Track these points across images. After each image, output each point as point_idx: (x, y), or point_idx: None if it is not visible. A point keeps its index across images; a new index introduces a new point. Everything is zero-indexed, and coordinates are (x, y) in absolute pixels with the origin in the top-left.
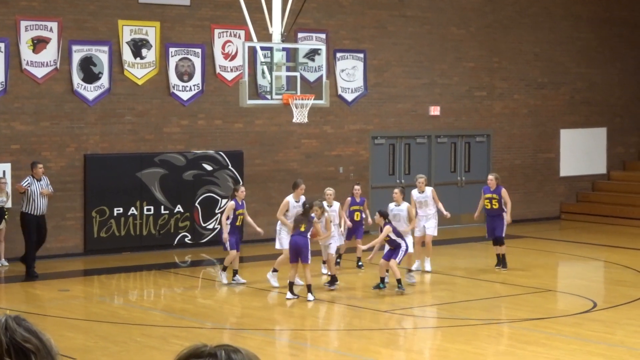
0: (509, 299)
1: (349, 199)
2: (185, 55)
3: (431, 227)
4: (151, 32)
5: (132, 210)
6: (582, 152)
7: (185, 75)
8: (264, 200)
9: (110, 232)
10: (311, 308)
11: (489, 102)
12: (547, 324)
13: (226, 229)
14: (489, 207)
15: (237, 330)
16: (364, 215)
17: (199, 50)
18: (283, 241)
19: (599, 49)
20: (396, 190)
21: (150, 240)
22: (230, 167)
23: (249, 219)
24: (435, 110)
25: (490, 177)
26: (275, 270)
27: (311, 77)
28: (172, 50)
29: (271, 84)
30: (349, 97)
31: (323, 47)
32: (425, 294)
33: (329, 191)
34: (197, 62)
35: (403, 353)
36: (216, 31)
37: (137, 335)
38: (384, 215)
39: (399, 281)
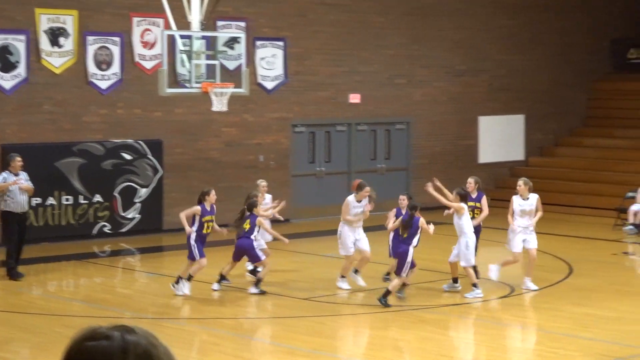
0: (429, 285)
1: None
2: (104, 44)
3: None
4: (69, 20)
5: (51, 200)
6: (500, 138)
7: (103, 64)
8: (184, 189)
9: (28, 223)
10: (233, 297)
11: (409, 90)
12: (466, 310)
13: (192, 234)
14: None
15: (157, 320)
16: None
17: (117, 39)
18: (346, 245)
19: (518, 35)
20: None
21: (69, 230)
22: (149, 156)
23: (217, 227)
24: (355, 98)
25: (470, 180)
26: (343, 277)
27: (231, 65)
28: (90, 38)
29: (190, 72)
30: (269, 85)
31: (242, 36)
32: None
33: (263, 183)
34: (116, 50)
35: (323, 340)
36: (135, 19)
37: (57, 326)
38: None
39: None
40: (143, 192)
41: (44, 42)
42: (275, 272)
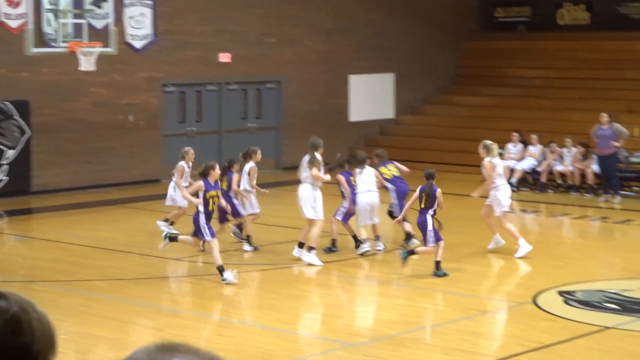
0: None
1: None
2: None
3: None
4: None
5: None
6: (371, 97)
7: None
8: (53, 150)
9: None
10: (105, 259)
11: (279, 49)
12: (336, 267)
13: (200, 215)
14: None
15: (27, 283)
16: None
17: None
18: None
19: None
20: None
21: None
22: (16, 117)
23: (222, 202)
24: (225, 58)
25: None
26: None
27: (98, 24)
28: None
29: (57, 31)
30: (138, 44)
31: None
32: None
33: (192, 150)
34: None
35: (195, 300)
36: None
37: None
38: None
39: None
40: (10, 154)
41: None
42: (144, 233)
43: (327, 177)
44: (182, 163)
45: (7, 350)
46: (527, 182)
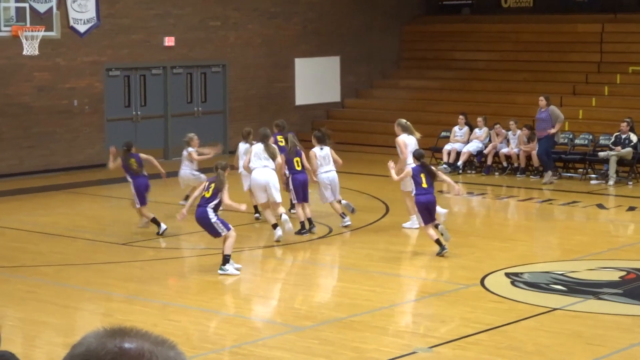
0: (245, 228)
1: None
2: None
3: None
4: None
5: None
6: (316, 81)
7: None
8: None
9: None
10: (49, 244)
11: (223, 32)
12: (283, 250)
13: (209, 212)
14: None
15: None
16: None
17: None
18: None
19: None
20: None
21: None
22: None
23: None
24: (169, 41)
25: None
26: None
27: (41, 8)
28: None
29: None
30: (81, 28)
31: None
32: (155, 226)
33: (196, 136)
34: None
35: (141, 285)
36: None
37: None
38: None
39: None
40: None
41: None
42: (89, 218)
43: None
44: (190, 149)
45: None
46: (473, 165)
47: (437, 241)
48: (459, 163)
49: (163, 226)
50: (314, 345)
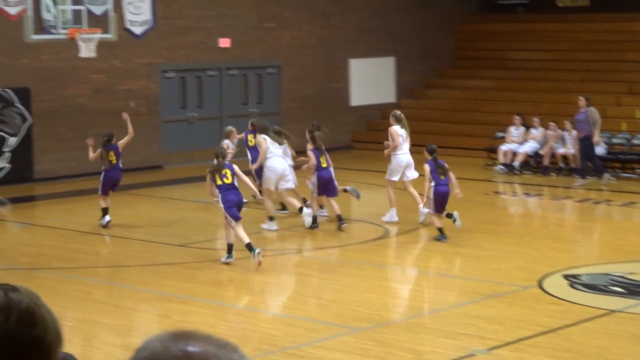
0: (303, 229)
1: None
2: None
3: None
4: None
5: None
6: (371, 81)
7: None
8: (53, 137)
9: None
10: (106, 245)
11: (278, 33)
12: (340, 252)
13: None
14: None
15: (30, 270)
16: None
17: None
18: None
19: None
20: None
21: None
22: (17, 104)
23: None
24: (225, 42)
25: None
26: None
27: (97, 10)
28: None
29: (56, 18)
30: (137, 30)
31: None
32: (219, 227)
33: (235, 129)
34: None
35: (198, 286)
36: None
37: None
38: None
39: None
40: (12, 141)
41: None
42: (145, 219)
43: None
44: (226, 141)
45: (22, 342)
46: (530, 166)
47: (440, 229)
48: (515, 163)
49: (107, 218)
50: (371, 347)
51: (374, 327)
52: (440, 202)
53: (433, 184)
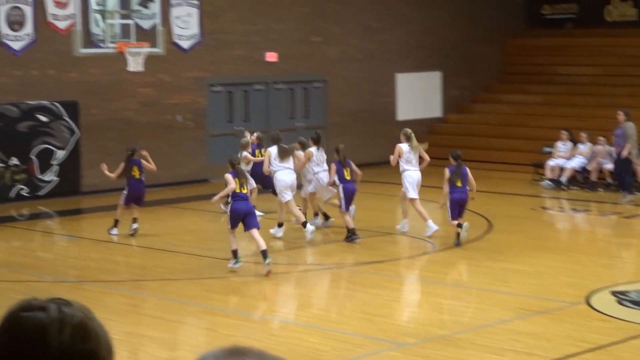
0: (350, 243)
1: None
2: (16, 4)
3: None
4: None
5: None
6: (417, 95)
7: (16, 24)
8: (100, 150)
9: None
10: (153, 258)
11: (325, 48)
12: (386, 267)
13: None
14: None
15: (78, 283)
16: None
17: None
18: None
19: None
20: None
21: None
22: (65, 117)
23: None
24: (271, 57)
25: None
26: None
27: (145, 24)
28: None
29: (105, 32)
30: (185, 44)
31: None
32: (266, 240)
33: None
34: (28, 10)
35: (244, 299)
36: None
37: None
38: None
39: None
40: (60, 154)
41: None
42: (193, 232)
43: None
44: (245, 153)
45: (76, 356)
46: (577, 181)
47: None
48: (563, 179)
49: (115, 231)
50: None
51: (420, 342)
52: (454, 208)
53: (448, 191)
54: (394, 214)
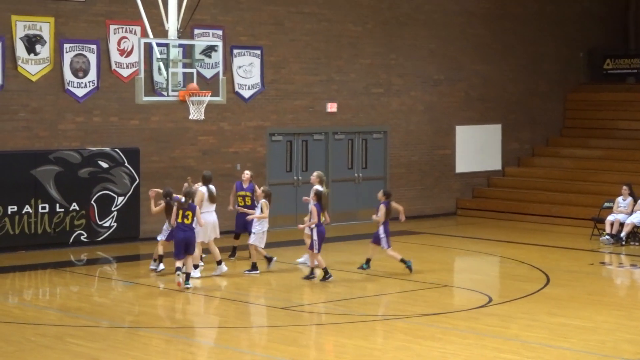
0: (406, 295)
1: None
2: (80, 52)
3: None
4: (45, 27)
5: (27, 209)
6: (477, 148)
7: (80, 71)
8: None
9: (4, 231)
10: (210, 306)
11: (385, 99)
12: (442, 319)
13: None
14: (242, 204)
15: (134, 329)
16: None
17: (94, 46)
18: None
19: (493, 45)
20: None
21: (46, 239)
22: (126, 164)
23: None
24: (332, 107)
25: (247, 172)
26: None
27: (208, 73)
28: (66, 46)
29: (167, 80)
30: (246, 93)
31: (219, 44)
32: (321, 289)
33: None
34: (93, 58)
35: (300, 349)
36: (111, 27)
37: (32, 335)
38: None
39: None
40: (120, 200)
41: (20, 49)
42: (249, 280)
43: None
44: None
45: None
46: (637, 236)
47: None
48: (622, 234)
49: (161, 266)
50: None
51: None
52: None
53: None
54: (448, 265)
